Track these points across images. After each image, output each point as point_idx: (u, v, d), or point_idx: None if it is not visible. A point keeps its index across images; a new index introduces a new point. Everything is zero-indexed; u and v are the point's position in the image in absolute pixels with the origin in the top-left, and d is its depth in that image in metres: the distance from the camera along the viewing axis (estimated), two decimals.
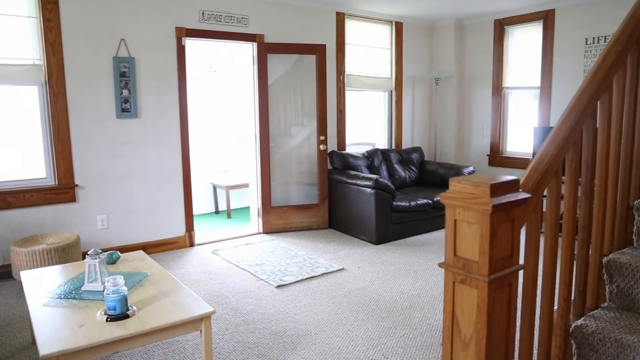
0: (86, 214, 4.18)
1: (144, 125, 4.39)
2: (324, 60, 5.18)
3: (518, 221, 1.28)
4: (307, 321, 3.07)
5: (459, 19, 6.26)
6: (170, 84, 4.49)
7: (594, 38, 4.99)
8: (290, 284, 3.71)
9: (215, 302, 3.39)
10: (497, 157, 6.13)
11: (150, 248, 4.51)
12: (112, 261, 2.85)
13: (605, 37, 4.90)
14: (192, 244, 4.75)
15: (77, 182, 4.10)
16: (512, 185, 1.25)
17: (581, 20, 5.09)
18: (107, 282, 2.09)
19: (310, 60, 5.18)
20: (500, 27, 5.92)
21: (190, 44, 5.25)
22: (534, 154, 5.29)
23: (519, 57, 5.82)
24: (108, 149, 4.23)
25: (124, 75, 4.21)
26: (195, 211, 6.19)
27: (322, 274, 3.91)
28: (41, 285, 2.50)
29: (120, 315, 2.07)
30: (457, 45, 6.37)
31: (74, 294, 2.35)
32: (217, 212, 6.43)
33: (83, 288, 2.41)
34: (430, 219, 5.19)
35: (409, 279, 3.81)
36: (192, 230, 4.75)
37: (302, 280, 3.78)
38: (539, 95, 5.61)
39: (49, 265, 3.44)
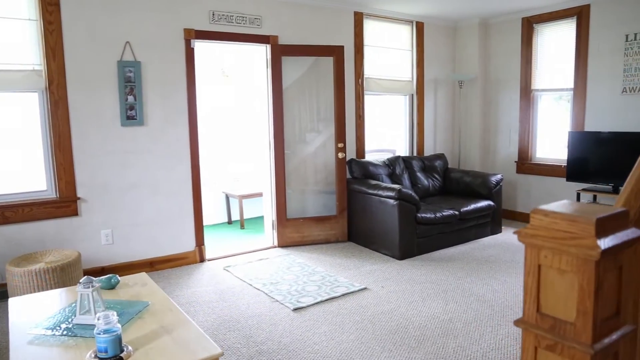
0: (89, 229, 3.91)
1: (150, 133, 4.12)
2: (341, 62, 4.87)
3: (626, 268, 0.94)
4: (328, 352, 2.74)
5: (483, 17, 5.90)
6: (178, 89, 4.22)
7: (635, 34, 4.58)
8: (308, 306, 3.38)
9: (226, 328, 3.08)
10: (525, 164, 5.75)
11: (158, 264, 4.22)
12: (111, 286, 2.56)
13: None
14: (202, 260, 4.46)
15: (79, 194, 3.84)
16: (621, 219, 0.91)
17: (621, 15, 4.69)
18: (98, 319, 1.79)
19: (327, 62, 4.87)
20: (529, 25, 5.54)
21: (200, 46, 4.99)
22: (568, 160, 4.90)
23: (549, 57, 5.44)
24: (112, 158, 3.96)
25: (129, 81, 3.95)
26: (207, 221, 5.91)
27: (343, 295, 3.57)
28: (30, 315, 2.22)
29: (112, 358, 1.77)
30: (482, 46, 6.01)
31: (63, 328, 2.06)
32: (229, 222, 6.14)
33: (74, 321, 2.12)
34: (457, 231, 4.83)
35: (438, 300, 3.46)
36: (203, 244, 4.46)
37: (321, 302, 3.45)
38: (572, 98, 5.22)
39: (46, 286, 3.18)
